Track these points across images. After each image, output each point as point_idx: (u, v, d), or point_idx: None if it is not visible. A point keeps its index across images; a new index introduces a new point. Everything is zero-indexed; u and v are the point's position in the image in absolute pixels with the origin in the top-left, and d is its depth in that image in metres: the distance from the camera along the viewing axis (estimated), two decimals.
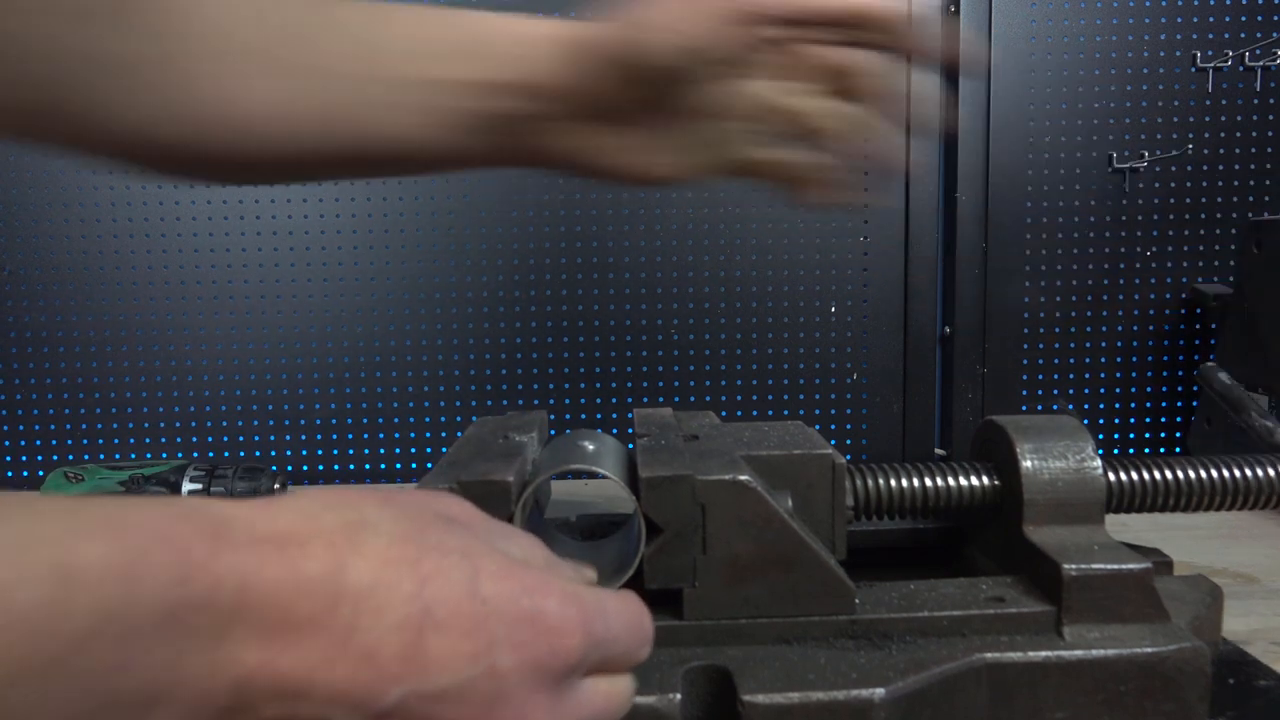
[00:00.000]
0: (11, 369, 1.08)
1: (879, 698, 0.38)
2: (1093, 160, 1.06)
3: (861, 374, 1.10)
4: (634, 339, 1.09)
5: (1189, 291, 1.08)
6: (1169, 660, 0.41)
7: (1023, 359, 1.09)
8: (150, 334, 1.08)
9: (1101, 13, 1.04)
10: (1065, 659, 0.41)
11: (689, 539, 0.42)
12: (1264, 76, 1.04)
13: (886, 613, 0.43)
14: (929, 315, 1.09)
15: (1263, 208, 1.06)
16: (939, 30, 1.04)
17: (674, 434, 0.50)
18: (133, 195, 1.07)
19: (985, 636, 0.43)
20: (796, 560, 0.42)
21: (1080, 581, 0.43)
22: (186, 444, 1.10)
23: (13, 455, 1.10)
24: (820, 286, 1.08)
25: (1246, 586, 0.68)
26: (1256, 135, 1.05)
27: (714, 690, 0.40)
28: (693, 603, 0.42)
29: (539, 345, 1.09)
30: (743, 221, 1.07)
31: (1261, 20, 1.04)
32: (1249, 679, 0.48)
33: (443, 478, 0.42)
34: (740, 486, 0.42)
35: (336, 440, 1.10)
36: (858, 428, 1.11)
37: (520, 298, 1.08)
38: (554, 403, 1.10)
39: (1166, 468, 0.51)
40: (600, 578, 0.43)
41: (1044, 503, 0.47)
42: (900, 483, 0.51)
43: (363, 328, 1.09)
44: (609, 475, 0.42)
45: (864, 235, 1.08)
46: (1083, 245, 1.07)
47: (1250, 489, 0.51)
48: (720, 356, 1.09)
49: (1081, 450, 0.48)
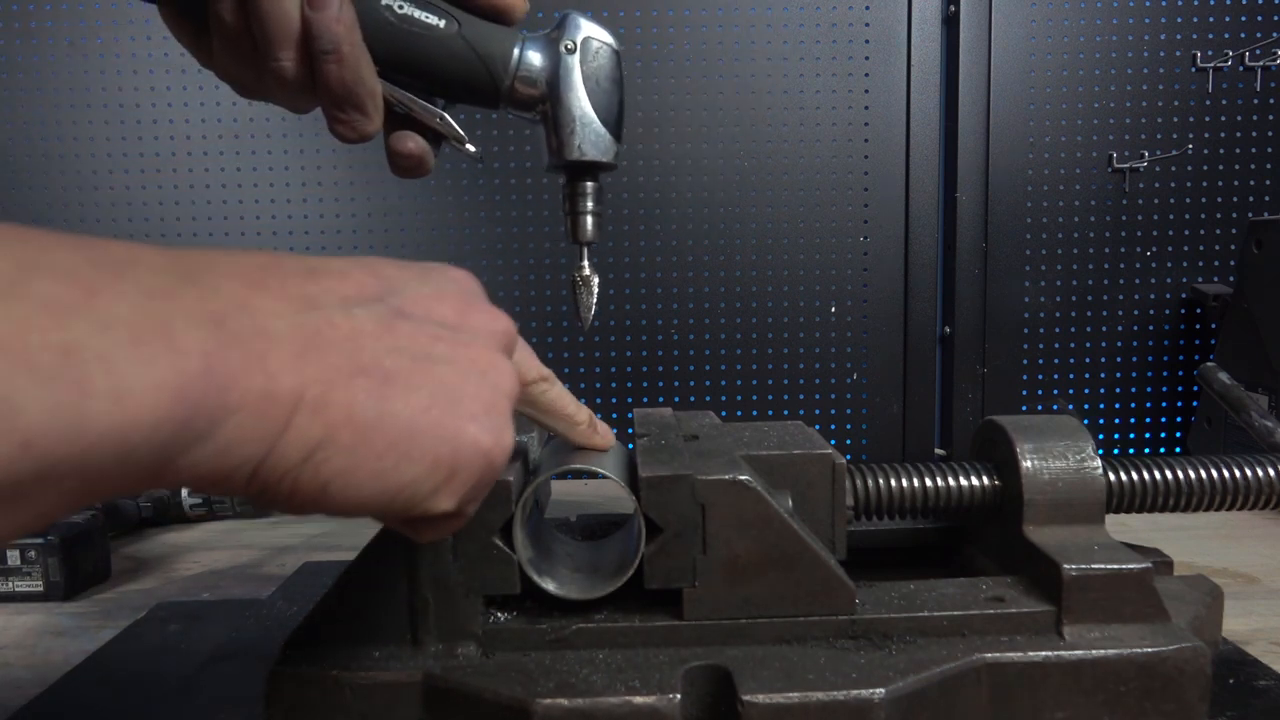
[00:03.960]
0: None
1: (879, 698, 0.38)
2: (1093, 160, 1.06)
3: (861, 374, 1.10)
4: (634, 339, 1.09)
5: (1189, 291, 1.08)
6: (1169, 660, 0.41)
7: (1023, 359, 1.09)
8: None
9: (1101, 13, 1.04)
10: (1065, 659, 0.41)
11: (689, 539, 0.42)
12: (1264, 76, 1.04)
13: (886, 613, 0.43)
14: (929, 315, 1.09)
15: (1263, 208, 1.06)
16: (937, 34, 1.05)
17: (674, 434, 0.50)
18: (133, 195, 1.07)
19: (985, 636, 0.43)
20: (796, 560, 0.42)
21: (1080, 581, 0.43)
22: None
23: None
24: (820, 286, 1.08)
25: (1246, 586, 0.68)
26: (1256, 135, 1.05)
27: (714, 690, 0.40)
28: (693, 603, 0.42)
29: (539, 345, 1.09)
30: (743, 221, 1.07)
31: (1261, 20, 1.04)
32: (1249, 679, 0.48)
33: None
34: (740, 486, 0.42)
35: None
36: (858, 428, 1.11)
37: (520, 298, 1.08)
38: None
39: (1166, 468, 0.51)
40: (600, 578, 0.43)
41: (1044, 503, 0.47)
42: (900, 483, 0.51)
43: None
44: (609, 475, 0.42)
45: (864, 235, 1.08)
46: (1083, 245, 1.07)
47: (1250, 489, 0.51)
48: (720, 356, 1.09)
49: (1081, 450, 0.48)
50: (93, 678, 0.53)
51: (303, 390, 0.27)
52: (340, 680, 0.40)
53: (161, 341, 0.23)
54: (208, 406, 0.24)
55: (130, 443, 0.23)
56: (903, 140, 1.06)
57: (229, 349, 0.25)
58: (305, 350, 0.27)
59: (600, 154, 0.51)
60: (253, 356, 0.26)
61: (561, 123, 0.49)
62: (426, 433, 0.30)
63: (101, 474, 0.23)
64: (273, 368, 0.26)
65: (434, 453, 0.30)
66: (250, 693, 0.46)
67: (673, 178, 1.06)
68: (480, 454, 0.31)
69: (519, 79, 0.48)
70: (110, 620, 0.64)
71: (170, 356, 0.23)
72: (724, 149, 1.06)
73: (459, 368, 0.31)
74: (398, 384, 0.29)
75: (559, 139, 0.50)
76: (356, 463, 0.28)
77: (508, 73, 0.47)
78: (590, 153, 0.50)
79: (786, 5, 1.05)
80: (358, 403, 0.28)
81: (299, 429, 0.27)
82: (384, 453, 0.29)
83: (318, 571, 0.64)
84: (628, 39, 1.04)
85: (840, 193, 1.07)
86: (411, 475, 0.29)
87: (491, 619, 0.43)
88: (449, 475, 0.30)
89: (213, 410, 0.24)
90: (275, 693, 0.40)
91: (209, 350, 0.24)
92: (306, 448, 0.27)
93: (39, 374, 0.21)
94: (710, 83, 1.06)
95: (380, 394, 0.29)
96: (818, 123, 1.06)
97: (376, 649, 0.42)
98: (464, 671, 0.40)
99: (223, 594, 0.69)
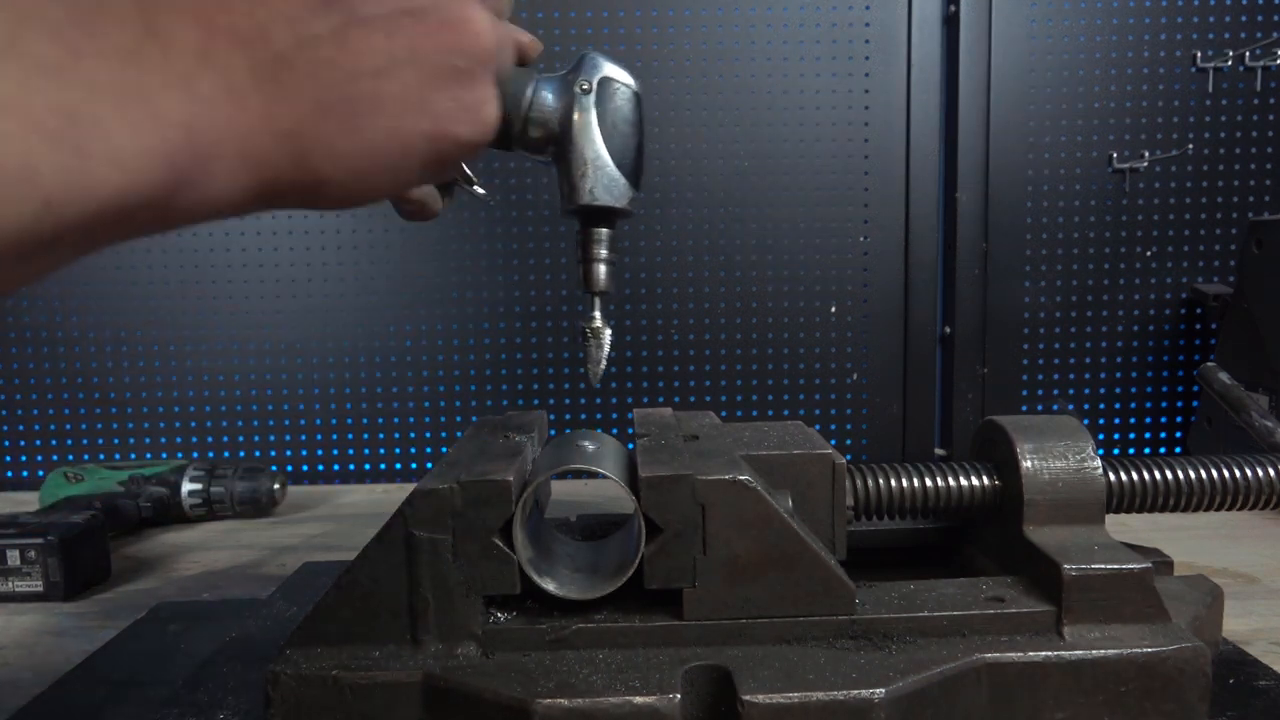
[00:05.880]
0: (11, 369, 1.08)
1: (879, 698, 0.38)
2: (1093, 160, 1.06)
3: (861, 374, 1.10)
4: (634, 339, 1.09)
5: (1189, 291, 1.08)
6: (1169, 660, 0.41)
7: (1023, 359, 1.09)
8: (150, 334, 1.08)
9: (1101, 13, 1.04)
10: (1065, 659, 0.41)
11: (689, 539, 0.42)
12: (1264, 76, 1.04)
13: (886, 613, 0.43)
14: (929, 315, 1.09)
15: (1263, 208, 1.06)
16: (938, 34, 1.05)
17: (674, 434, 0.50)
18: None
19: (985, 636, 0.43)
20: (796, 560, 0.42)
21: (1080, 581, 0.43)
22: (186, 444, 1.10)
23: (13, 455, 1.10)
24: (820, 286, 1.08)
25: (1246, 586, 0.68)
26: (1256, 135, 1.05)
27: (714, 690, 0.40)
28: (693, 603, 0.42)
29: (539, 345, 1.09)
30: (742, 221, 1.07)
31: (1261, 20, 1.04)
32: (1249, 679, 0.48)
33: (443, 477, 0.42)
34: (740, 486, 0.42)
35: (336, 440, 1.10)
36: (858, 428, 1.11)
37: (520, 298, 1.08)
38: (554, 403, 1.10)
39: (1166, 468, 0.51)
40: (600, 578, 0.43)
41: (1044, 503, 0.47)
42: (900, 483, 0.51)
43: (363, 328, 1.08)
44: (609, 475, 0.42)
45: (864, 235, 1.08)
46: (1083, 245, 1.07)
47: (1250, 489, 0.51)
48: (720, 356, 1.09)
49: (1081, 450, 0.48)
50: (93, 678, 0.53)
51: (275, 144, 0.29)
52: (340, 680, 0.40)
53: (143, 108, 0.26)
54: (193, 168, 0.27)
55: (129, 202, 0.25)
56: (903, 140, 1.06)
57: (203, 116, 0.27)
58: (271, 101, 0.29)
59: (614, 200, 0.48)
60: (223, 119, 0.28)
61: (574, 166, 0.47)
62: (402, 147, 0.32)
63: (106, 228, 0.26)
64: (244, 128, 0.28)
65: (416, 157, 0.33)
66: (250, 693, 0.47)
67: (673, 178, 1.06)
68: (459, 145, 0.34)
69: (531, 120, 0.46)
70: (110, 620, 0.64)
71: (153, 124, 0.26)
72: (724, 149, 1.06)
73: (425, 58, 0.32)
74: (364, 110, 0.31)
75: (570, 183, 0.48)
76: (343, 185, 0.31)
77: (519, 113, 0.45)
78: (603, 198, 0.48)
79: (786, 5, 1.05)
80: (331, 142, 0.30)
81: (281, 171, 0.30)
82: (371, 174, 0.32)
83: (318, 571, 0.64)
84: (628, 38, 1.05)
85: (840, 193, 1.07)
86: (398, 180, 0.33)
87: (491, 619, 0.43)
88: (436, 161, 0.34)
89: (198, 170, 0.27)
90: (275, 693, 0.40)
91: (186, 120, 0.27)
92: (291, 184, 0.30)
93: (47, 137, 0.23)
94: (710, 83, 1.06)
95: (350, 127, 0.31)
96: (818, 123, 1.06)
97: (376, 649, 0.42)
98: (464, 671, 0.40)
99: (223, 594, 0.69)
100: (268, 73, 0.29)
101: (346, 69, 0.30)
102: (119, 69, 0.25)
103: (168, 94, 0.26)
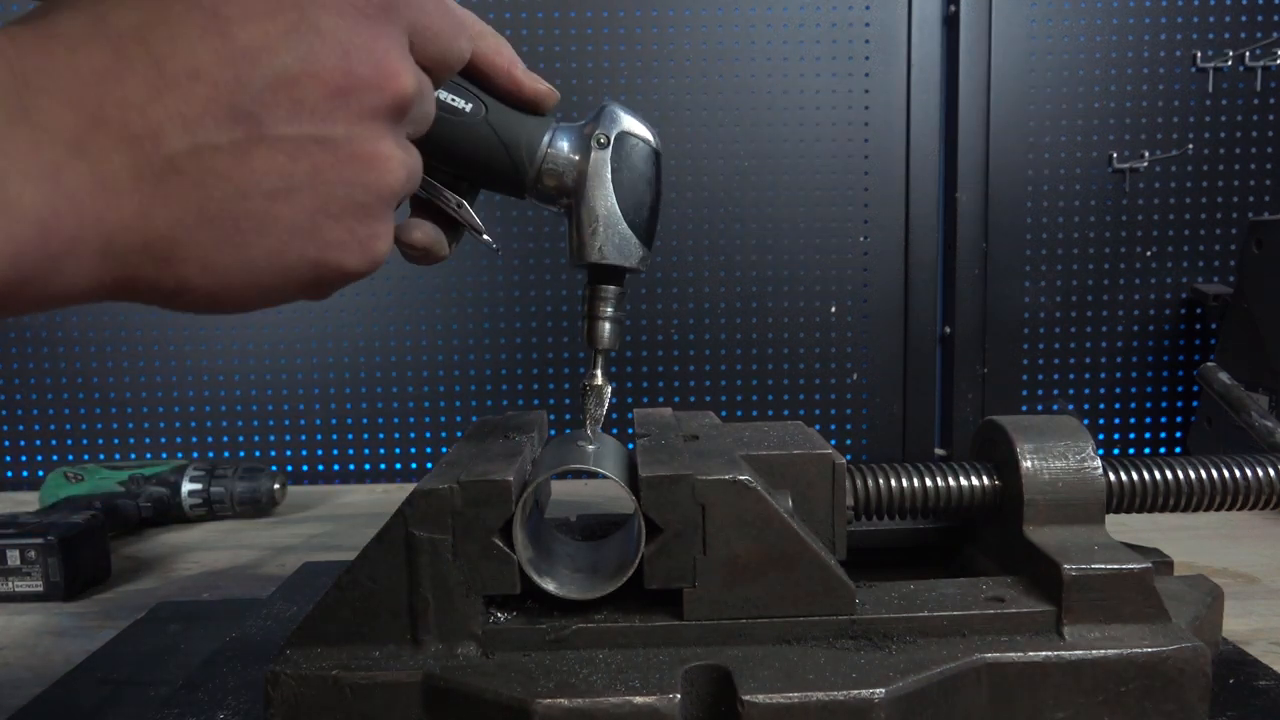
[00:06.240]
0: (11, 369, 1.08)
1: (879, 698, 0.38)
2: (1093, 160, 1.06)
3: (861, 374, 1.10)
4: (634, 339, 1.09)
5: (1189, 291, 1.08)
6: (1169, 660, 0.41)
7: (1023, 359, 1.09)
8: (150, 334, 1.08)
9: (1101, 13, 1.04)
10: (1065, 659, 0.41)
11: (689, 539, 0.42)
12: (1264, 76, 1.04)
13: (886, 613, 0.43)
14: (929, 315, 1.09)
15: (1263, 208, 1.06)
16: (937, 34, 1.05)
17: (674, 434, 0.50)
18: None
19: (985, 636, 0.43)
20: (796, 560, 0.42)
21: (1080, 581, 0.43)
22: (186, 444, 1.10)
23: (13, 455, 1.10)
24: (820, 286, 1.08)
25: (1246, 586, 0.68)
26: (1256, 135, 1.05)
27: (714, 690, 0.40)
28: (693, 603, 0.42)
29: (539, 345, 1.09)
30: (743, 221, 1.07)
31: (1261, 20, 1.04)
32: (1249, 679, 0.48)
33: (443, 477, 0.42)
34: (740, 486, 0.42)
35: (336, 440, 1.10)
36: (858, 428, 1.11)
37: (520, 298, 1.08)
38: (554, 403, 1.10)
39: (1166, 468, 0.51)
40: (600, 578, 0.43)
41: (1044, 503, 0.47)
42: (900, 483, 0.51)
43: (362, 328, 1.08)
44: (609, 475, 0.42)
45: (864, 235, 1.08)
46: (1083, 245, 1.07)
47: (1250, 489, 0.51)
48: (720, 356, 1.09)
49: (1081, 450, 0.48)
50: (93, 678, 0.53)
51: (144, 246, 0.27)
52: (340, 680, 0.40)
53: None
54: (42, 265, 0.25)
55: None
56: (903, 140, 1.06)
57: (65, 211, 0.25)
58: (148, 203, 0.27)
59: (622, 258, 0.47)
60: (89, 217, 0.26)
61: (584, 220, 0.46)
62: (283, 271, 0.30)
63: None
64: (111, 225, 0.26)
65: (294, 281, 0.31)
66: (250, 693, 0.47)
67: (673, 178, 1.06)
68: (344, 275, 0.32)
69: (545, 170, 0.45)
70: (110, 620, 0.64)
71: (3, 218, 0.24)
72: (724, 149, 1.06)
73: (326, 187, 0.30)
74: (250, 229, 0.29)
75: (581, 238, 0.47)
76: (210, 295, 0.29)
77: (533, 163, 0.45)
78: (611, 256, 0.47)
79: (786, 5, 1.05)
80: (206, 254, 0.28)
81: (143, 272, 0.28)
82: (242, 290, 0.30)
83: (318, 571, 0.64)
84: (628, 39, 1.05)
85: (840, 193, 1.07)
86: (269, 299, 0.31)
87: (491, 619, 0.43)
88: (315, 287, 0.32)
89: (47, 266, 0.25)
90: (275, 693, 0.40)
91: (44, 215, 0.25)
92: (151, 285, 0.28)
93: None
94: (710, 83, 1.06)
95: (231, 242, 0.29)
96: (818, 123, 1.06)
97: (376, 649, 0.42)
98: (464, 671, 0.40)
99: (223, 594, 0.69)
100: (152, 173, 0.27)
101: (239, 184, 0.28)
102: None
103: (27, 185, 0.24)
